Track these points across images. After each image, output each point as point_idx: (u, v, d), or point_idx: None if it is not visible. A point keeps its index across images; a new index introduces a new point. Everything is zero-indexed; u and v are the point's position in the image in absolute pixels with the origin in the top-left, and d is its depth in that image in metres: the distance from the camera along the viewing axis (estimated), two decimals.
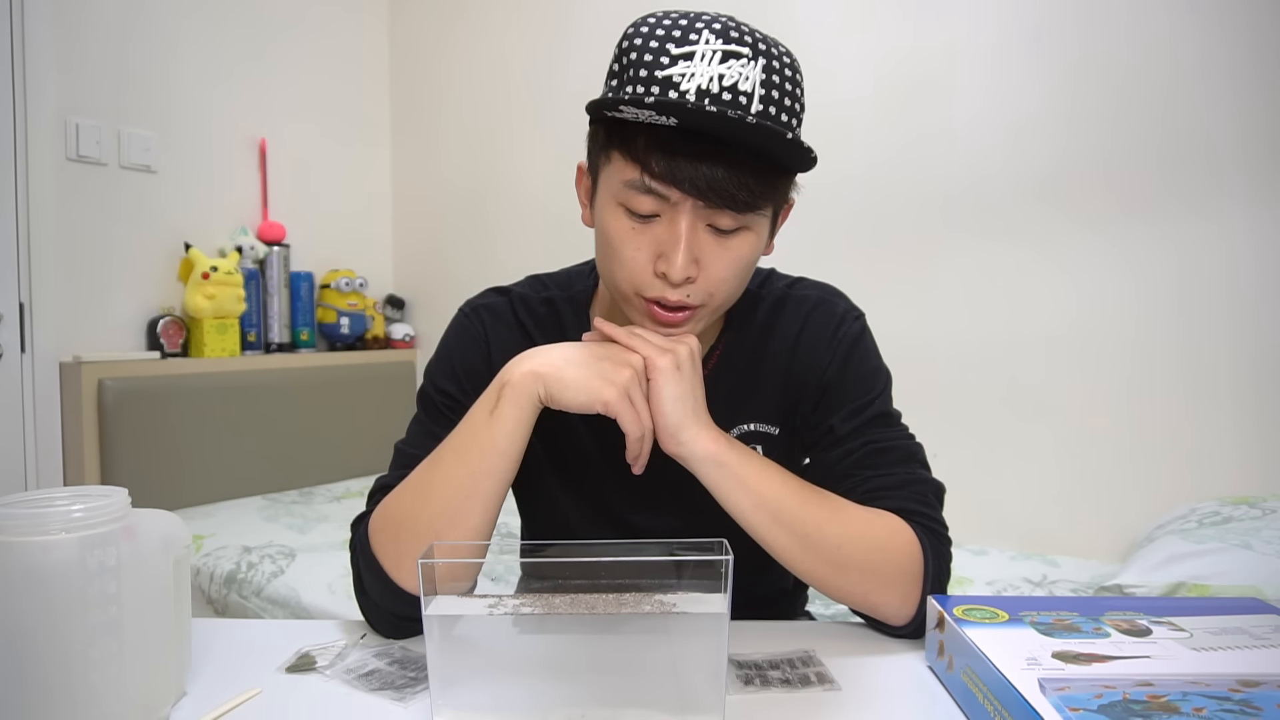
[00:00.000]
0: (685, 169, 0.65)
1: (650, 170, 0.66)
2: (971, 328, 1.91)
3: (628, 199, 0.69)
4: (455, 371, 0.85)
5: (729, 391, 0.84)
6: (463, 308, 0.91)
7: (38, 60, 2.05)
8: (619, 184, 0.69)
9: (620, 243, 0.70)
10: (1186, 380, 1.68)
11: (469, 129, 2.79)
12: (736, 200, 0.66)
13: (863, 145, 2.02)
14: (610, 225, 0.71)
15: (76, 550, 0.53)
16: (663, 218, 0.69)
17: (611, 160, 0.70)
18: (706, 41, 0.66)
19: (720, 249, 0.70)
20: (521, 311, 0.88)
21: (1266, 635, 0.61)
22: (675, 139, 0.65)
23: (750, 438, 0.85)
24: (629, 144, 0.67)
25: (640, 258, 0.70)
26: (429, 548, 0.58)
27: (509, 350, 0.78)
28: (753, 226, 0.70)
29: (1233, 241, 1.63)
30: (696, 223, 0.68)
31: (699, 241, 0.69)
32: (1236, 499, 1.52)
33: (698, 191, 0.65)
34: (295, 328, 2.64)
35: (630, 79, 0.67)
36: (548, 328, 0.87)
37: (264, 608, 1.68)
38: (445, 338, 0.89)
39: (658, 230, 0.69)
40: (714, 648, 0.56)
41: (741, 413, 0.85)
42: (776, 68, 0.67)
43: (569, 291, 0.88)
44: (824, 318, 0.85)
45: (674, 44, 0.66)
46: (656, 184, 0.66)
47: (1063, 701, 0.50)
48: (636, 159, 0.67)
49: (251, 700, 0.64)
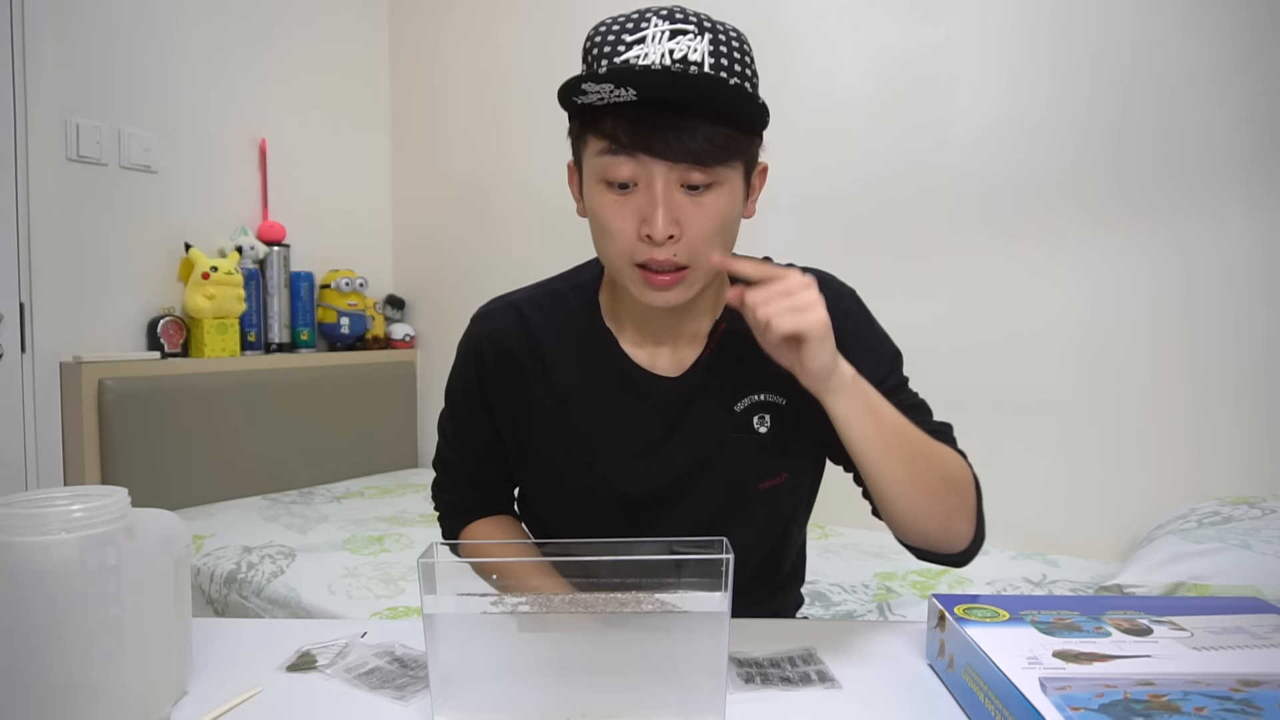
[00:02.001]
0: (650, 136, 0.71)
1: (619, 141, 0.72)
2: (971, 327, 1.91)
3: (606, 172, 0.75)
4: (454, 385, 0.96)
5: (734, 363, 0.86)
6: (473, 318, 0.95)
7: (38, 60, 2.05)
8: (597, 163, 0.75)
9: (606, 217, 0.76)
10: (1187, 380, 1.68)
11: (469, 128, 2.79)
12: (700, 155, 0.72)
13: (863, 144, 2.02)
14: (596, 204, 0.77)
15: (76, 550, 0.53)
16: (640, 185, 0.74)
17: (588, 144, 0.77)
18: (655, 25, 0.74)
19: (697, 207, 0.74)
20: (528, 309, 0.91)
21: (1267, 635, 0.61)
22: (639, 111, 0.71)
23: (759, 407, 0.87)
24: (599, 125, 0.74)
25: (626, 228, 0.75)
26: (429, 547, 0.58)
27: (515, 353, 0.88)
28: (724, 182, 0.75)
29: (1233, 242, 1.63)
30: (670, 184, 0.73)
31: (676, 202, 0.74)
32: (1236, 499, 1.52)
33: (664, 153, 0.72)
34: (295, 328, 2.64)
35: (594, 70, 0.74)
36: (554, 316, 0.90)
37: (264, 608, 1.68)
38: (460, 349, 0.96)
39: (638, 198, 0.74)
40: (714, 646, 0.56)
41: (749, 384, 0.87)
42: (723, 40, 0.74)
43: (575, 281, 0.93)
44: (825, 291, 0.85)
45: (626, 33, 0.74)
46: (626, 153, 0.73)
47: (1064, 701, 0.50)
48: (606, 135, 0.73)
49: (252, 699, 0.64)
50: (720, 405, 0.87)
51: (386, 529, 2.05)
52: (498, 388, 0.90)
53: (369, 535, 1.99)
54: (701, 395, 0.87)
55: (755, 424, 0.87)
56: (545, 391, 0.89)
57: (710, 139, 0.71)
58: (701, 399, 0.87)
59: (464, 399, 0.94)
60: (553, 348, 0.89)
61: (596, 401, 0.87)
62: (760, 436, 0.87)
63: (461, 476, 0.99)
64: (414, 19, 2.91)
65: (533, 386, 0.89)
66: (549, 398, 0.88)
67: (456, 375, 0.94)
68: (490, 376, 0.90)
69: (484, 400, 0.91)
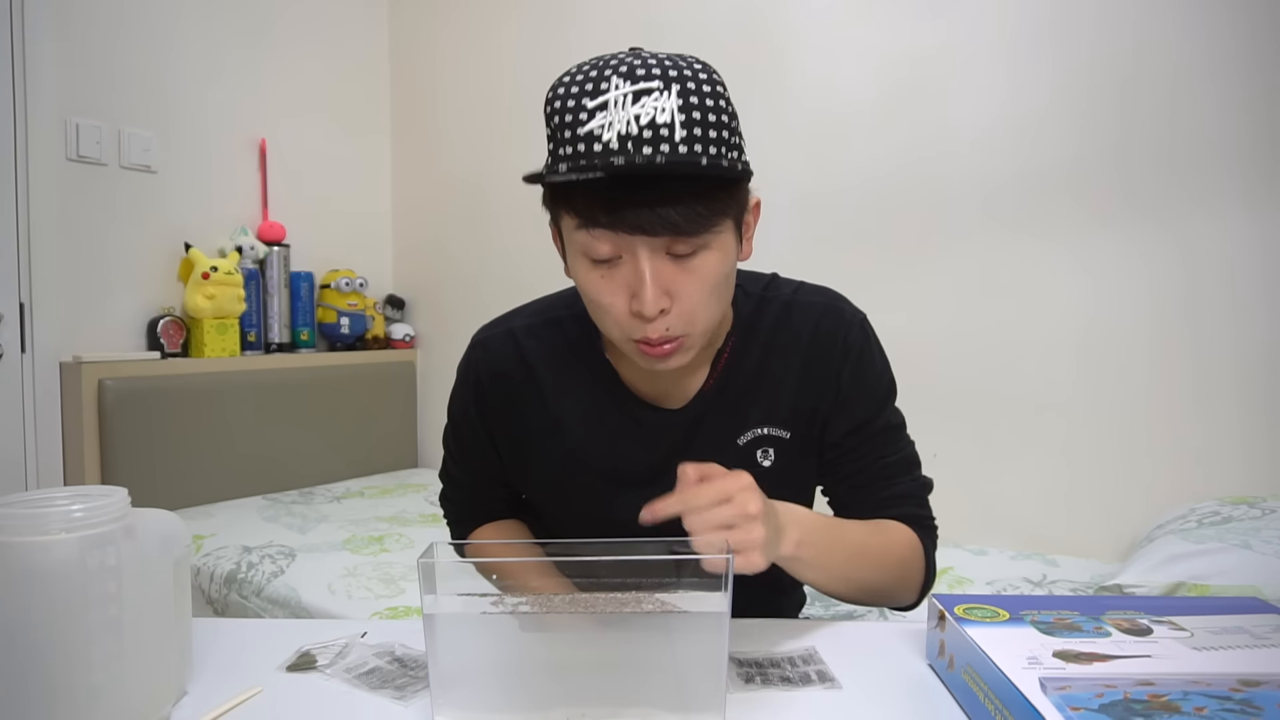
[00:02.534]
0: (626, 213, 0.67)
1: (596, 222, 0.68)
2: (972, 327, 1.91)
3: (587, 249, 0.71)
4: (454, 406, 0.96)
5: (738, 395, 0.85)
6: (470, 343, 0.93)
7: (38, 60, 2.05)
8: (576, 238, 0.71)
9: (595, 293, 0.73)
10: (1187, 380, 1.68)
11: (469, 128, 2.79)
12: (682, 227, 0.67)
13: (863, 145, 2.02)
14: (582, 279, 0.74)
15: (76, 550, 0.53)
16: (624, 258, 0.70)
17: (563, 219, 0.73)
18: (616, 87, 0.67)
19: (686, 275, 0.71)
20: (526, 340, 0.89)
21: (1267, 635, 0.61)
22: (612, 186, 0.66)
23: (762, 442, 0.86)
24: (571, 203, 0.70)
25: (617, 304, 0.72)
26: (429, 547, 0.58)
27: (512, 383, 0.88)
28: (712, 244, 0.71)
29: (1233, 241, 1.63)
30: (654, 256, 0.69)
31: (663, 274, 0.70)
32: (1236, 499, 1.52)
33: (643, 229, 0.67)
34: (295, 328, 2.64)
35: (559, 140, 0.69)
36: (551, 346, 0.89)
37: (264, 608, 1.68)
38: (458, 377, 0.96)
39: (624, 272, 0.71)
40: (714, 646, 0.56)
41: (751, 417, 0.85)
42: (692, 89, 0.68)
43: (574, 308, 0.89)
44: (833, 324, 0.86)
45: (587, 97, 0.67)
46: (603, 233, 0.69)
47: (1064, 701, 0.50)
48: (580, 214, 0.69)
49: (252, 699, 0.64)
50: (723, 439, 0.85)
51: (386, 529, 2.05)
52: (496, 414, 0.90)
53: (369, 535, 1.99)
54: (703, 427, 0.85)
55: (759, 458, 0.86)
56: (543, 420, 0.88)
57: (691, 207, 0.67)
58: (703, 431, 0.85)
59: (464, 420, 0.94)
60: (550, 379, 0.88)
61: (595, 432, 0.87)
62: (763, 470, 0.85)
63: (466, 490, 1.00)
64: (414, 19, 2.91)
65: (530, 415, 0.88)
66: (546, 426, 0.88)
67: (457, 397, 0.94)
68: (489, 402, 0.90)
69: (484, 424, 0.92)
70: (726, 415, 0.85)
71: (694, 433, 0.86)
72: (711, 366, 0.85)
